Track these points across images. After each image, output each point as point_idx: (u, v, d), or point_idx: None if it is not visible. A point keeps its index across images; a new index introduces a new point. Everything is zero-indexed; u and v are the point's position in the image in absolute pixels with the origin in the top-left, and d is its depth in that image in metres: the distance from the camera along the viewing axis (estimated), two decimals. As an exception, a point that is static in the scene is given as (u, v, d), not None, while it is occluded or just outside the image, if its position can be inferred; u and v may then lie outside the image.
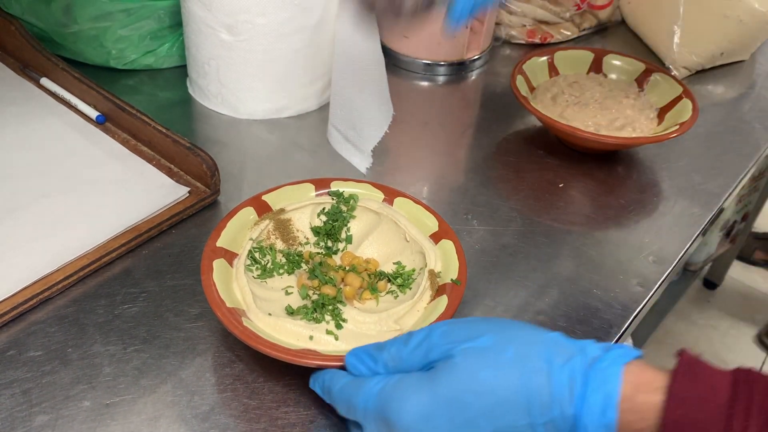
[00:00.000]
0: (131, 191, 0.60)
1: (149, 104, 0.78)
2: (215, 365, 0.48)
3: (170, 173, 0.63)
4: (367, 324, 0.46)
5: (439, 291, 0.48)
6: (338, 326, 0.46)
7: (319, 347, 0.44)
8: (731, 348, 1.74)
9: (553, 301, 0.55)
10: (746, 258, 1.97)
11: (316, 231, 0.54)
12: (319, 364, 0.42)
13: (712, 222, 0.69)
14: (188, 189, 0.60)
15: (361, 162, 0.66)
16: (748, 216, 1.71)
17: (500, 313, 0.56)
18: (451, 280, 0.48)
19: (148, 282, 0.54)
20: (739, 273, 1.96)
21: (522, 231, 0.62)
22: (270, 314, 0.46)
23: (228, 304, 0.45)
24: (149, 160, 0.64)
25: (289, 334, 0.45)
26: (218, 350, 0.52)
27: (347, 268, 0.51)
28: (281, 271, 0.52)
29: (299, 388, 0.47)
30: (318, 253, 0.53)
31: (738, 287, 1.92)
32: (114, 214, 0.57)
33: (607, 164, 0.71)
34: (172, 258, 0.56)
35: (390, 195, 0.55)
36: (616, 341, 0.56)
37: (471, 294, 0.58)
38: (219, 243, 0.50)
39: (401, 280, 0.50)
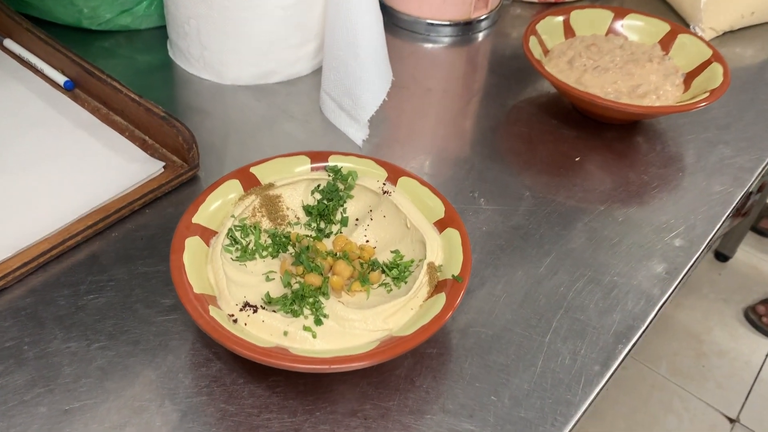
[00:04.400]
0: (100, 166, 0.55)
1: (126, 69, 0.72)
2: (190, 364, 0.43)
3: (144, 146, 0.56)
4: (351, 322, 0.40)
5: (437, 287, 0.43)
6: (318, 322, 0.41)
7: (293, 345, 0.40)
8: (743, 322, 1.68)
9: (568, 291, 0.50)
10: (760, 229, 1.90)
11: (308, 210, 0.50)
12: (289, 366, 0.37)
13: (745, 200, 0.62)
14: (163, 164, 0.54)
15: (357, 133, 0.60)
16: (765, 187, 1.63)
17: (506, 303, 0.50)
18: (453, 276, 0.42)
19: (116, 269, 0.48)
20: (753, 245, 1.90)
21: (534, 210, 0.56)
22: (243, 302, 0.41)
23: (196, 290, 0.41)
24: (121, 131, 0.58)
25: (261, 327, 0.40)
26: (193, 347, 0.46)
27: (338, 254, 0.45)
28: (264, 253, 0.47)
29: (284, 391, 0.42)
30: (307, 236, 0.47)
31: (751, 260, 1.86)
32: (80, 192, 0.51)
33: (627, 135, 0.65)
34: (145, 241, 0.50)
35: (394, 174, 0.50)
36: (640, 337, 0.50)
37: (477, 282, 0.52)
38: (196, 219, 0.45)
39: (397, 271, 0.44)
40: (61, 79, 0.62)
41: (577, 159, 0.63)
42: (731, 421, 1.49)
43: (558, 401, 0.45)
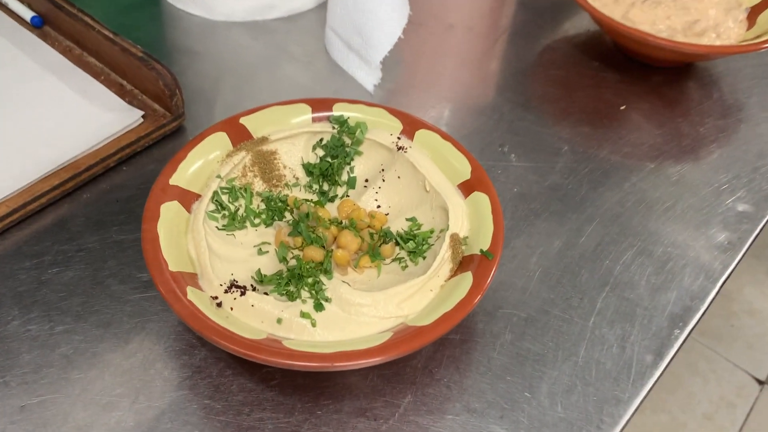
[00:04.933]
0: (69, 116, 0.48)
1: (108, 4, 0.64)
2: (170, 351, 0.38)
3: (122, 92, 0.49)
4: (358, 307, 0.34)
5: (462, 265, 0.37)
6: (318, 307, 0.35)
7: (288, 335, 0.34)
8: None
9: (614, 264, 0.43)
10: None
11: (308, 169, 0.43)
12: (282, 363, 0.31)
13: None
14: (142, 113, 0.46)
15: (368, 77, 0.53)
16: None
17: (542, 279, 0.42)
18: (481, 251, 0.35)
19: (87, 236, 0.43)
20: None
21: (573, 168, 0.50)
22: (229, 282, 0.36)
23: (172, 267, 0.35)
24: (96, 75, 0.51)
25: (250, 313, 0.34)
26: (174, 330, 0.40)
27: (343, 222, 0.38)
28: (256, 221, 0.41)
29: (280, 385, 0.37)
30: (307, 201, 0.41)
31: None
32: (45, 147, 0.46)
33: (678, 80, 0.58)
34: (121, 205, 0.44)
35: (410, 125, 0.43)
36: (699, 320, 0.43)
37: (507, 254, 0.45)
38: (174, 180, 0.39)
39: (413, 244, 0.37)
40: (27, 14, 0.55)
41: (621, 107, 0.57)
42: (760, 383, 1.42)
43: (604, 398, 0.38)
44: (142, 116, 0.49)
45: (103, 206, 0.46)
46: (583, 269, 0.44)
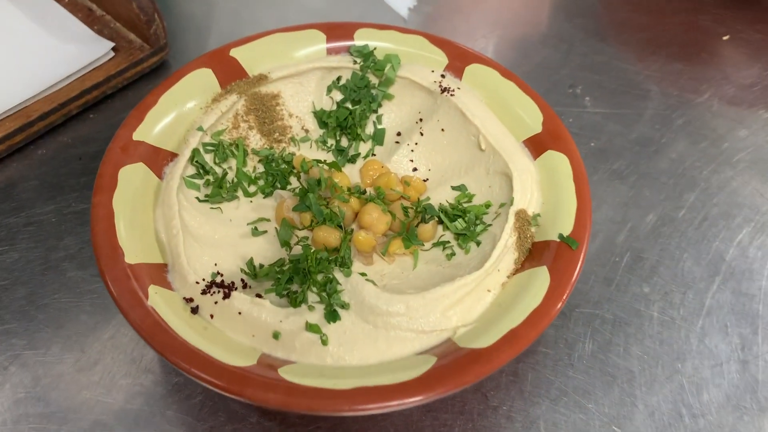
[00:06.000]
0: (21, 48, 0.40)
1: None
2: (138, 363, 0.30)
3: (90, 19, 0.42)
4: (387, 316, 0.26)
5: (532, 254, 0.29)
6: (331, 316, 0.26)
7: (288, 356, 0.26)
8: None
9: (727, 246, 0.35)
10: None
11: (322, 119, 0.35)
12: (275, 403, 0.23)
13: None
14: (112, 44, 0.37)
15: None
16: None
17: (631, 266, 0.33)
18: (560, 236, 0.28)
19: (39, 205, 0.36)
20: None
21: (664, 115, 0.42)
22: (211, 277, 0.27)
23: (130, 257, 0.27)
24: (58, -2, 0.41)
25: (236, 323, 0.26)
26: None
27: (368, 192, 0.31)
28: (252, 189, 0.33)
29: (281, 414, 0.29)
30: (319, 162, 0.33)
31: None
32: None
33: None
34: (84, 163, 0.38)
35: (459, 59, 0.35)
36: None
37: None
38: (140, 134, 0.31)
39: (463, 223, 0.27)
40: None
41: (724, 38, 0.47)
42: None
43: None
44: (113, 49, 0.41)
45: (61, 166, 0.39)
46: (685, 253, 0.34)
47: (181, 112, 0.32)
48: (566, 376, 0.30)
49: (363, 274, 0.28)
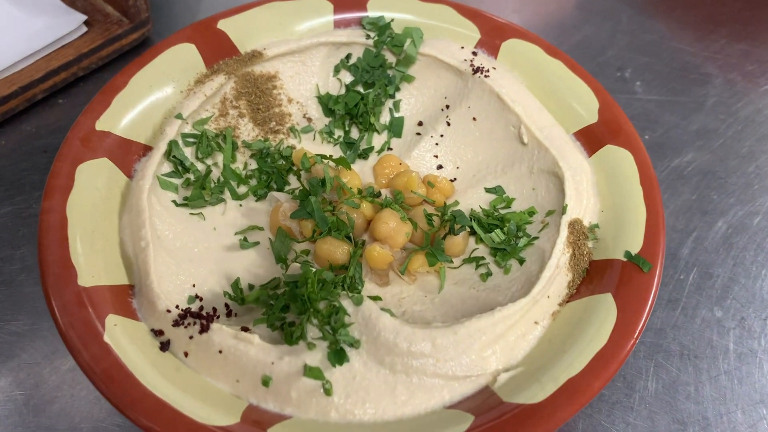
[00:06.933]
0: None
1: None
2: (96, 396, 0.25)
3: None
4: (409, 357, 0.21)
5: (590, 276, 0.23)
6: (337, 356, 0.21)
7: (282, 409, 0.21)
8: None
9: None
10: None
11: (327, 105, 0.31)
12: None
13: None
14: (85, 17, 0.33)
15: None
16: None
17: (698, 285, 0.28)
18: (627, 254, 0.23)
19: None
20: None
21: (728, 104, 0.36)
22: (186, 303, 0.23)
23: (83, 280, 0.22)
24: (24, -38, 0.36)
25: (215, 363, 0.21)
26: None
27: (383, 195, 0.23)
28: (242, 190, 0.29)
29: None
30: (324, 157, 0.28)
31: None
32: None
33: None
34: (50, 156, 0.33)
35: (494, 33, 0.31)
36: None
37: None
38: (104, 123, 0.26)
39: (501, 235, 0.22)
40: None
41: None
42: None
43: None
44: (86, 23, 0.37)
45: (23, 159, 0.34)
46: (763, 269, 0.29)
47: (157, 96, 0.27)
48: (626, 422, 0.25)
49: (377, 298, 0.22)
